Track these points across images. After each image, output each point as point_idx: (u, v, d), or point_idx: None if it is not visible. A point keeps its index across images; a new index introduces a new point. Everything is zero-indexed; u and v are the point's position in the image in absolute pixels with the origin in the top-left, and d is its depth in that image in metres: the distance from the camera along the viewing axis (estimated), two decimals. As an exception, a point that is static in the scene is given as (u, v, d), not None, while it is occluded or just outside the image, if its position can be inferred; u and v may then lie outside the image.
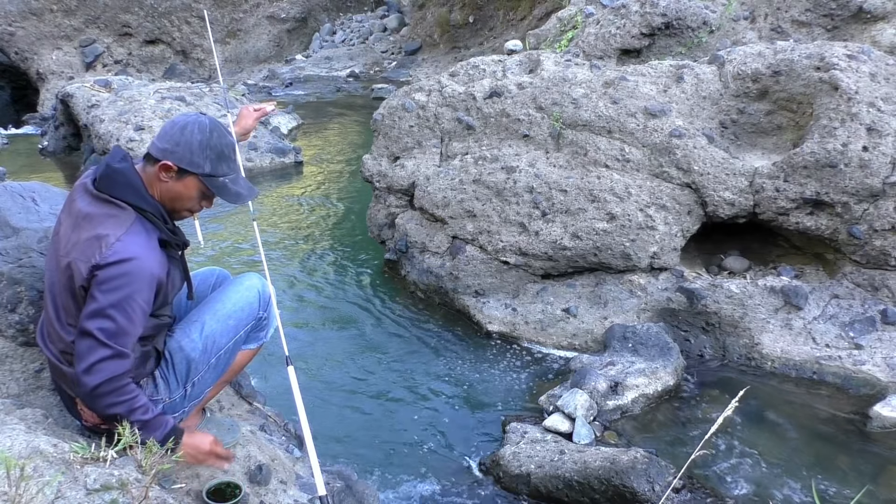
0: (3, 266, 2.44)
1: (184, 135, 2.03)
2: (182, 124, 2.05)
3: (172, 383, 2.20)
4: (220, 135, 2.09)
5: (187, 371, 2.21)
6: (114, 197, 1.99)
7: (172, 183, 2.07)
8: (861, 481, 2.90)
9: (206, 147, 2.05)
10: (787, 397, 3.55)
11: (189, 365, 2.21)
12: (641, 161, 4.14)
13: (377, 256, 5.39)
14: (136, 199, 2.01)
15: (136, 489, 1.84)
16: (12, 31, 13.54)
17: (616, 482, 2.75)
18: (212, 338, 2.24)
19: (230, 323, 2.27)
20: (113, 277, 1.89)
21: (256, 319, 2.37)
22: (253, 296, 2.34)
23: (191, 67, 15.08)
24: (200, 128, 2.05)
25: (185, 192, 2.09)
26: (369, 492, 2.66)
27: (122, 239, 1.93)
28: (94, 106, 7.92)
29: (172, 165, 2.03)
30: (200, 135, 2.04)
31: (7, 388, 2.38)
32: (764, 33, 5.33)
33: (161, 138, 2.05)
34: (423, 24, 15.43)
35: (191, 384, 2.24)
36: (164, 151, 2.03)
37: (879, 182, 3.63)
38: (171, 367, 2.20)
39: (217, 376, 2.34)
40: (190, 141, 2.03)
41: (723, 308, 3.89)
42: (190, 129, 2.04)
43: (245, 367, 2.60)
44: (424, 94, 4.92)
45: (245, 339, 2.38)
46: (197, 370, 2.23)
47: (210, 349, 2.24)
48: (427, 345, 4.28)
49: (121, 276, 1.89)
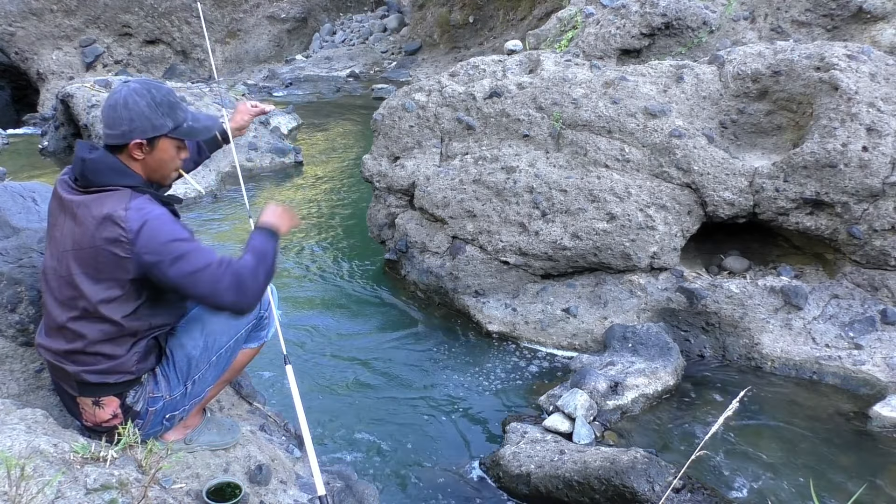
0: (3, 266, 2.44)
1: (129, 109, 2.04)
2: (121, 102, 2.05)
3: (173, 380, 2.20)
4: (157, 89, 2.12)
5: (188, 369, 2.22)
6: (101, 186, 2.02)
7: (148, 156, 2.11)
8: (861, 481, 2.89)
9: (156, 107, 2.08)
10: (786, 397, 3.55)
11: (190, 363, 2.22)
12: (641, 161, 4.14)
13: (377, 256, 5.39)
14: (121, 177, 2.04)
15: (136, 489, 1.84)
16: (12, 31, 13.55)
17: (616, 482, 2.75)
18: (213, 336, 2.24)
19: (231, 321, 2.27)
20: (151, 237, 1.95)
21: (257, 318, 2.38)
22: None
23: (191, 67, 15.09)
24: (138, 94, 2.06)
25: (164, 155, 2.14)
26: (369, 492, 2.66)
27: (130, 207, 1.97)
28: (94, 106, 7.92)
29: (141, 141, 2.06)
30: (143, 99, 2.06)
31: (7, 388, 2.38)
32: (764, 33, 5.33)
33: (111, 126, 2.06)
34: (423, 24, 15.43)
35: (191, 382, 2.24)
36: (124, 134, 2.05)
37: (879, 182, 3.64)
38: (172, 364, 2.20)
39: (218, 375, 2.34)
40: (140, 111, 2.05)
41: (723, 308, 3.89)
42: (131, 100, 2.05)
43: (245, 367, 2.60)
44: (424, 94, 4.92)
45: (246, 338, 2.38)
46: (198, 368, 2.24)
47: (211, 347, 2.25)
48: (427, 345, 4.28)
49: (154, 231, 1.96)
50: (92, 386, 2.09)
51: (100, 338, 2.03)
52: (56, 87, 12.29)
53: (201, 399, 2.36)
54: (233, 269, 1.99)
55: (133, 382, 2.12)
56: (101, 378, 2.07)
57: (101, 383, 2.08)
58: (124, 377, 2.09)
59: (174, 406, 2.23)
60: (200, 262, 1.96)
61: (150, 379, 2.17)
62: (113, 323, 2.02)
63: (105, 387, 2.09)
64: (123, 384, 2.10)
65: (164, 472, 2.11)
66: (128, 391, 2.12)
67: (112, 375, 2.07)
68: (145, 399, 2.15)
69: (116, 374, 2.07)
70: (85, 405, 2.13)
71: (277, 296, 2.59)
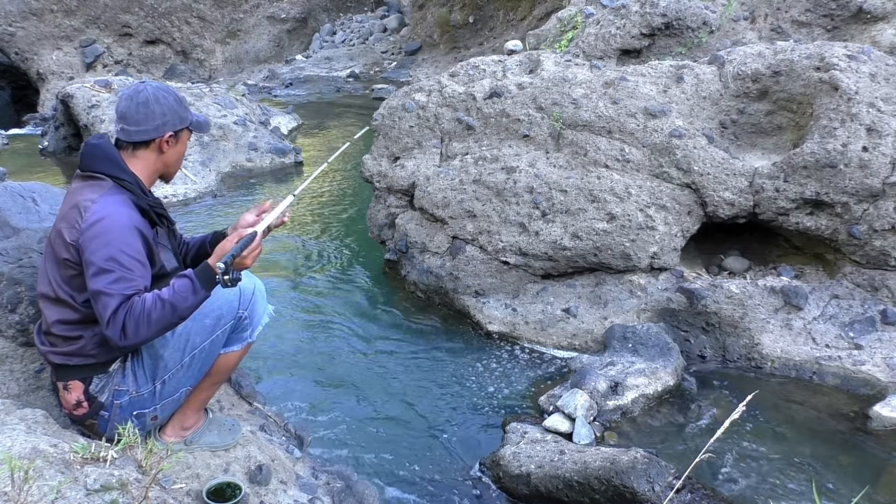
0: (3, 266, 2.44)
1: (161, 104, 2.17)
2: (152, 99, 2.16)
3: (141, 378, 2.19)
4: (172, 88, 2.29)
5: (155, 368, 2.20)
6: (94, 171, 2.10)
7: (173, 148, 2.24)
8: (861, 481, 2.90)
9: (180, 101, 2.24)
10: (786, 397, 3.55)
11: (157, 362, 2.19)
12: (641, 161, 4.14)
13: (377, 256, 5.39)
14: (113, 168, 2.11)
15: (136, 489, 1.84)
16: (12, 31, 13.54)
17: (616, 482, 2.75)
18: (185, 336, 2.19)
19: (206, 322, 2.21)
20: (95, 236, 1.98)
21: (236, 319, 2.29)
22: (232, 293, 2.24)
23: (191, 67, 15.09)
24: (164, 90, 2.21)
25: (182, 147, 2.29)
26: (369, 492, 2.66)
27: (97, 201, 2.03)
28: (94, 106, 7.93)
29: (172, 133, 2.20)
30: (169, 95, 2.21)
31: (7, 388, 2.38)
32: (764, 33, 5.33)
33: (142, 122, 2.15)
34: (423, 25, 15.43)
35: (160, 382, 2.22)
36: (157, 128, 2.16)
37: (879, 182, 3.64)
38: (140, 360, 2.19)
39: (195, 377, 2.29)
40: (170, 105, 2.19)
41: (723, 308, 3.89)
42: (161, 96, 2.18)
43: (235, 368, 2.54)
44: (424, 94, 4.92)
45: (226, 341, 2.31)
46: (166, 368, 2.21)
47: (183, 348, 2.20)
48: (427, 345, 4.28)
49: (101, 233, 1.99)
50: (59, 368, 2.16)
51: (61, 319, 2.10)
52: (56, 87, 12.29)
53: (178, 401, 2.31)
54: (133, 314, 1.94)
55: (96, 368, 2.15)
56: (63, 360, 2.13)
57: (63, 364, 2.14)
58: (85, 360, 2.13)
59: (142, 403, 2.21)
60: (114, 289, 1.95)
61: (119, 371, 2.18)
62: (71, 307, 2.09)
63: (68, 369, 2.15)
64: (85, 368, 2.14)
65: (164, 473, 2.11)
66: (91, 378, 2.15)
67: (73, 358, 2.12)
68: (110, 391, 2.17)
69: (77, 356, 2.12)
70: (59, 389, 2.20)
71: (264, 292, 2.42)
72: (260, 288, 2.38)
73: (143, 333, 1.95)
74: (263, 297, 2.39)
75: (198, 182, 7.09)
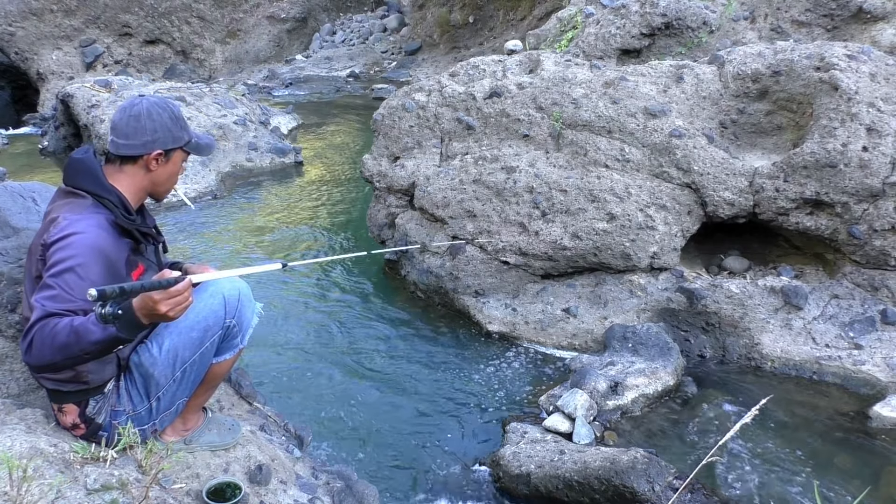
0: (3, 266, 2.44)
1: (153, 120, 2.08)
2: (145, 113, 2.08)
3: (136, 397, 2.16)
4: (171, 104, 2.17)
5: (146, 386, 2.15)
6: (75, 187, 2.04)
7: (161, 168, 2.14)
8: (861, 481, 2.90)
9: (176, 119, 2.14)
10: (786, 397, 3.55)
11: (147, 380, 2.15)
12: (641, 161, 4.14)
13: (377, 256, 5.39)
14: (94, 185, 2.03)
15: (136, 489, 1.84)
16: (12, 31, 13.54)
17: (616, 482, 2.75)
18: (173, 352, 2.14)
19: (193, 335, 2.15)
20: (57, 251, 1.90)
21: (224, 328, 2.20)
22: (217, 303, 2.17)
23: (191, 67, 15.09)
24: (160, 106, 2.11)
25: (174, 167, 2.19)
26: (369, 492, 2.66)
27: (69, 218, 1.95)
28: (94, 106, 7.93)
29: (161, 151, 2.10)
30: (164, 112, 2.11)
31: (7, 388, 2.38)
32: (764, 33, 5.33)
33: (131, 136, 2.07)
34: (423, 25, 15.43)
35: (155, 399, 2.18)
36: (146, 144, 2.08)
37: (879, 182, 3.64)
38: (133, 381, 2.15)
39: (189, 388, 2.25)
40: (163, 122, 2.10)
41: (723, 308, 3.89)
42: (155, 112, 2.09)
43: (228, 373, 2.47)
44: (424, 94, 4.92)
45: (217, 350, 2.25)
46: (158, 386, 2.16)
47: (173, 363, 2.15)
48: (427, 345, 4.28)
49: (63, 248, 1.90)
50: (51, 392, 2.07)
51: None
52: (56, 87, 12.29)
53: (175, 412, 2.29)
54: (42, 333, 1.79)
55: (91, 391, 2.07)
56: (56, 385, 2.03)
57: (56, 390, 2.04)
58: (79, 386, 2.03)
59: (140, 420, 2.18)
60: (45, 303, 1.82)
61: (114, 392, 2.12)
62: None
63: (61, 394, 2.05)
64: (79, 393, 2.05)
65: (164, 473, 2.11)
66: (87, 400, 2.08)
67: (67, 384, 2.02)
68: (107, 412, 2.11)
69: (71, 383, 2.02)
70: (55, 409, 2.13)
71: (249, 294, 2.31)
72: (245, 291, 2.26)
73: (47, 356, 1.78)
74: (250, 299, 2.29)
75: (193, 207, 6.95)
